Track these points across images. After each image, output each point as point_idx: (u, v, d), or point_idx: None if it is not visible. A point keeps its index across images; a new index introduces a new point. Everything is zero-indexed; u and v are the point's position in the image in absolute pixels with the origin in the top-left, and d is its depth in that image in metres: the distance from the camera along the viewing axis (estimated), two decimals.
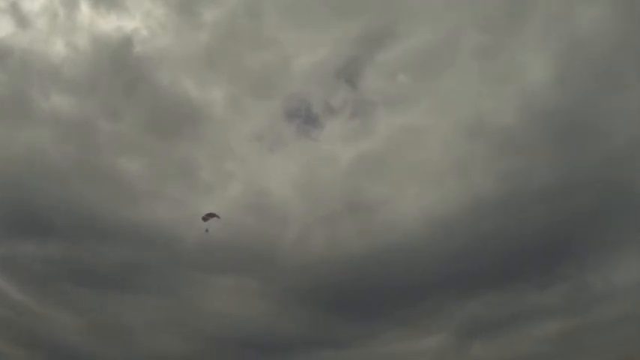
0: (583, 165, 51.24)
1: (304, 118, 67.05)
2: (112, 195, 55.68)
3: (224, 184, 60.47)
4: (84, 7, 63.82)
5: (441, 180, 57.99)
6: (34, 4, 61.68)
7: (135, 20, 64.62)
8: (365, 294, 51.53)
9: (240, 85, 65.92)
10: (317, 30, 64.44)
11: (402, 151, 62.12)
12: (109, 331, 51.53)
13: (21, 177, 53.08)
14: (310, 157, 64.63)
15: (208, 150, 63.42)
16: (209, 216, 39.57)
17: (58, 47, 61.83)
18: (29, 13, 60.47)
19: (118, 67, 62.24)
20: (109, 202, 54.69)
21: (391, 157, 61.74)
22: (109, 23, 63.10)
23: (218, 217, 39.64)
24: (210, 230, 40.75)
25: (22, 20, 60.27)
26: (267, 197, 59.66)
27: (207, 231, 40.02)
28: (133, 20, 64.41)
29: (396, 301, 50.97)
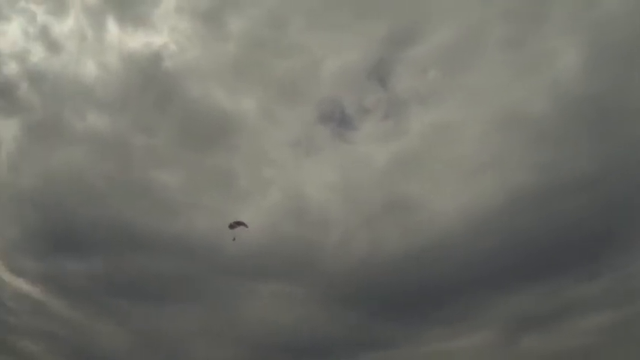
0: (622, 151, 49.86)
1: (338, 121, 67.21)
2: (150, 208, 56.97)
3: (262, 191, 61.21)
4: (111, 27, 65.05)
5: (477, 175, 57.27)
6: (63, 28, 62.50)
7: (162, 36, 65.75)
8: (407, 294, 51.25)
9: (271, 92, 66.40)
10: (343, 32, 64.19)
11: (437, 148, 61.51)
12: (153, 342, 52.79)
13: (61, 196, 55.01)
14: (347, 159, 64.53)
15: (244, 158, 63.90)
16: (237, 224, 39.14)
17: (89, 68, 63.47)
18: (59, 37, 61.94)
19: (149, 83, 63.51)
20: (148, 216, 56.02)
21: (426, 154, 61.37)
22: (137, 40, 64.39)
23: (246, 227, 39.23)
24: (249, 237, 40.85)
25: (52, 45, 61.70)
26: (306, 202, 60.08)
27: (234, 239, 39.60)
28: (160, 36, 65.56)
29: (438, 300, 50.83)
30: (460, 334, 50.68)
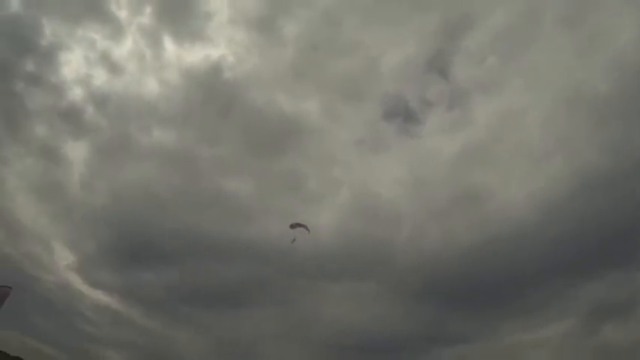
0: None
1: (403, 116, 67.20)
2: (221, 217, 58.66)
3: (333, 191, 62.43)
4: (167, 44, 68.12)
5: (545, 160, 56.43)
6: (122, 50, 65.47)
7: (219, 48, 68.44)
8: (479, 287, 50.47)
9: (333, 92, 67.71)
10: (398, 27, 64.44)
11: (503, 135, 61.07)
12: (230, 346, 53.81)
13: (134, 211, 57.49)
14: (414, 154, 65.22)
15: (312, 160, 65.35)
16: (297, 225, 37.91)
17: (151, 86, 66.79)
18: (118, 59, 64.95)
19: (210, 95, 65.84)
20: (220, 224, 57.69)
21: (493, 143, 60.98)
22: (195, 55, 66.87)
23: (307, 231, 37.81)
24: (321, 238, 41.02)
25: (113, 67, 64.90)
26: (376, 199, 60.54)
27: (293, 241, 37.54)
28: (217, 48, 68.11)
29: (512, 291, 49.85)
30: (535, 327, 49.47)
